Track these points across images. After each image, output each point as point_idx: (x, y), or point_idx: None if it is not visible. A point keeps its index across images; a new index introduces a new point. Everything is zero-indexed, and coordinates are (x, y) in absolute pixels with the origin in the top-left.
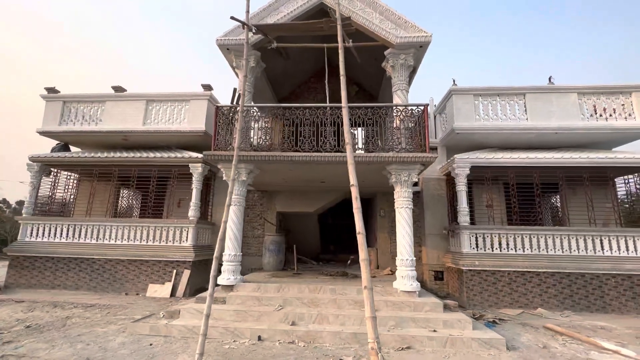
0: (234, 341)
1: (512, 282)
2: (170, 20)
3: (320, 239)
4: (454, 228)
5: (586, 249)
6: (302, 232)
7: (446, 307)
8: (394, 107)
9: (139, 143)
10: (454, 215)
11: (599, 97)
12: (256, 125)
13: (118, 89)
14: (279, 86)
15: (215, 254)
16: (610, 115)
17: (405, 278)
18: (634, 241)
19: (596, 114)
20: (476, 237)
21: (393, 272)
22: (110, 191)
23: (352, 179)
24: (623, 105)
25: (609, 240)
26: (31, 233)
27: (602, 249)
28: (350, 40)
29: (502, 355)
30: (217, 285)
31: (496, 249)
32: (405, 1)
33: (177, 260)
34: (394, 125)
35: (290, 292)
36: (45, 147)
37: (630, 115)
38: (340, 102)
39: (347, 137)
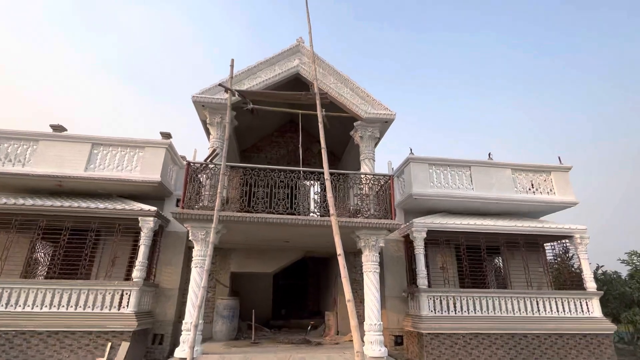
0: None
1: (467, 345)
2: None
3: (272, 301)
4: (414, 290)
5: (526, 310)
6: (253, 295)
7: None
8: (364, 176)
9: (74, 190)
10: (412, 277)
11: (528, 173)
12: (229, 185)
13: (58, 127)
14: (243, 138)
15: (193, 321)
16: (537, 190)
17: (373, 343)
18: (561, 302)
19: (525, 188)
20: (434, 300)
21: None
22: (29, 246)
23: (339, 249)
24: (545, 181)
25: (543, 302)
26: None
27: (539, 310)
28: (324, 110)
29: None
30: (167, 357)
31: (452, 311)
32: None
33: (113, 331)
34: (364, 192)
35: None
36: None
37: (551, 190)
38: (304, 160)
39: (331, 209)
